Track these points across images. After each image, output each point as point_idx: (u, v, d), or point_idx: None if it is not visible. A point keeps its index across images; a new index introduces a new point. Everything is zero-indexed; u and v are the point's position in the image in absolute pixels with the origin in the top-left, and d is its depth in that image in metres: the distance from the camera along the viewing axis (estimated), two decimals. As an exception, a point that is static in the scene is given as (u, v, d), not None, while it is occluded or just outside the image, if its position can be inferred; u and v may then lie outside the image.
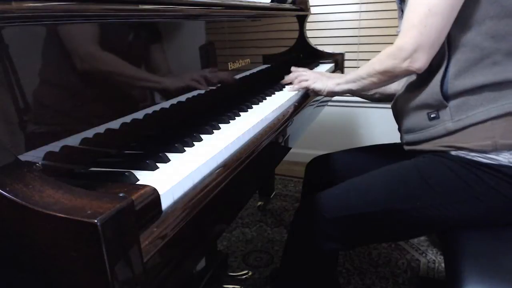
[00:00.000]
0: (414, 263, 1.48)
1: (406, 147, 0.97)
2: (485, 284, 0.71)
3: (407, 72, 0.85)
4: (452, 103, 0.83)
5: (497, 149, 0.79)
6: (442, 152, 0.85)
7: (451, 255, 0.82)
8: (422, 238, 1.64)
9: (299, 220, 0.96)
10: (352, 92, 1.04)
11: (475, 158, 0.81)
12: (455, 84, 0.83)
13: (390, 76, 0.87)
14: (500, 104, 0.79)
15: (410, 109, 0.93)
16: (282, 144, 0.93)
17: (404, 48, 0.81)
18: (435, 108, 0.86)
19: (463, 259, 0.77)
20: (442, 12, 0.77)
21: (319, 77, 1.07)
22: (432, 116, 0.86)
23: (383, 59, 0.86)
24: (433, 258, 1.51)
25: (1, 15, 0.43)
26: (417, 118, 0.90)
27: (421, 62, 0.81)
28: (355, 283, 1.38)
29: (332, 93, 1.04)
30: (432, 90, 0.85)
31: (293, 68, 1.18)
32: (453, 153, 0.83)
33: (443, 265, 1.44)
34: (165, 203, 0.48)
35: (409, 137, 0.95)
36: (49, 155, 0.50)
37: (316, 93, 1.07)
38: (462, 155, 0.82)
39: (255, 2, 1.22)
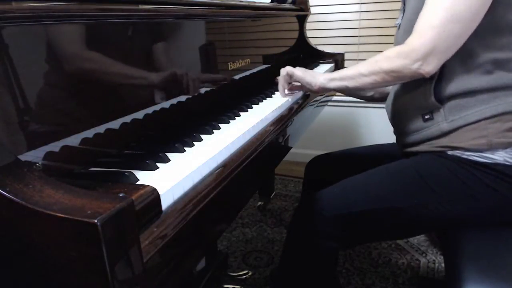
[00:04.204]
0: (414, 263, 1.48)
1: (403, 149, 0.97)
2: (485, 284, 0.71)
3: (415, 75, 0.80)
4: (446, 105, 0.84)
5: (492, 147, 0.79)
6: (439, 152, 0.86)
7: (451, 255, 0.82)
8: (422, 238, 1.64)
9: (298, 219, 0.96)
10: (347, 91, 0.98)
11: (470, 157, 0.81)
12: (449, 88, 0.83)
13: (395, 77, 0.83)
14: (494, 105, 0.80)
15: (403, 110, 0.93)
16: (282, 144, 0.93)
17: (418, 49, 0.77)
18: (429, 109, 0.86)
19: (463, 259, 0.77)
20: (464, 21, 0.75)
21: (310, 72, 1.01)
22: (426, 117, 0.86)
23: (392, 58, 0.82)
24: (433, 258, 1.51)
25: (1, 15, 0.43)
26: (411, 120, 0.90)
27: (432, 66, 0.77)
28: (355, 283, 1.38)
29: (324, 89, 0.98)
30: (425, 93, 0.85)
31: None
32: (449, 152, 0.84)
33: (443, 265, 1.44)
34: (165, 203, 0.48)
35: (405, 139, 0.95)
36: (49, 155, 0.50)
37: (307, 88, 1.01)
38: (458, 154, 0.83)
39: (255, 2, 1.22)
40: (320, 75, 0.97)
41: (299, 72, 1.01)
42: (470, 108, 0.81)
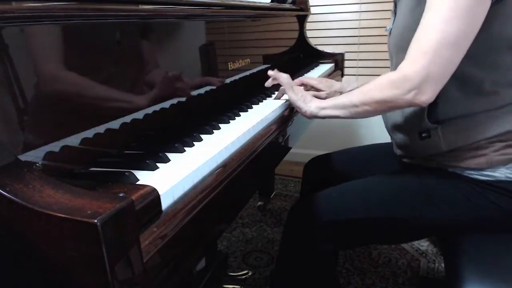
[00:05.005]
0: (414, 263, 1.48)
1: (401, 159, 0.96)
2: (485, 285, 0.71)
3: (410, 105, 0.74)
4: (443, 126, 0.81)
5: (492, 165, 0.78)
6: (439, 169, 0.84)
7: (451, 257, 0.82)
8: (422, 238, 1.64)
9: (296, 220, 0.95)
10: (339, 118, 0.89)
11: (471, 176, 0.80)
12: (446, 112, 0.80)
13: (389, 106, 0.77)
14: (493, 126, 0.78)
15: (400, 126, 0.91)
16: (282, 144, 0.93)
17: (411, 78, 0.71)
18: (425, 128, 0.83)
19: (463, 261, 0.77)
20: (457, 44, 0.69)
21: (303, 95, 0.93)
22: (423, 135, 0.84)
23: (383, 87, 0.76)
24: (433, 258, 1.51)
25: (1, 15, 0.43)
26: (408, 136, 0.88)
27: (428, 95, 0.71)
28: (355, 283, 1.38)
29: (315, 117, 0.91)
30: (419, 116, 0.83)
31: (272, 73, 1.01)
32: (450, 170, 0.83)
33: (443, 265, 1.44)
34: (165, 203, 0.48)
35: (403, 152, 0.94)
36: (49, 155, 0.50)
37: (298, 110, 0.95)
38: (459, 172, 0.82)
39: (255, 2, 1.22)
40: (312, 102, 0.90)
41: (293, 95, 0.94)
42: (469, 129, 0.79)
